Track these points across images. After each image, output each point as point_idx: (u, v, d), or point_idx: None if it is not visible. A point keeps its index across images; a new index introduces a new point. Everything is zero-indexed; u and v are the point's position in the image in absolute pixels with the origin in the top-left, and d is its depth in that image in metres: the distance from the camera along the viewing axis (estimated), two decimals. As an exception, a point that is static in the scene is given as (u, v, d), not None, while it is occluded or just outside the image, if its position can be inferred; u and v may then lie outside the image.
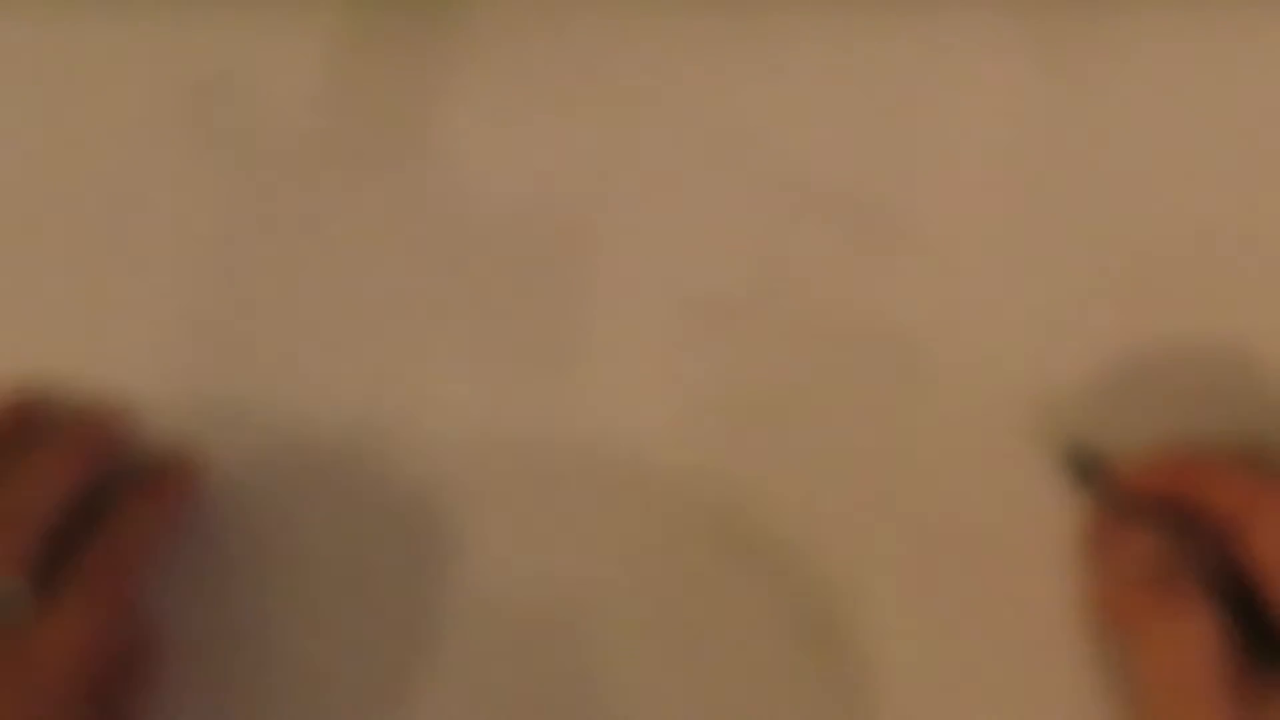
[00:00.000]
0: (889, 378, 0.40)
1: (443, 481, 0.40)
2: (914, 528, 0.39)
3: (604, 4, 0.42)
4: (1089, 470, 0.38)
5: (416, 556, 0.40)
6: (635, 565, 0.40)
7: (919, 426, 0.40)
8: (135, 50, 0.42)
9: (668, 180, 0.41)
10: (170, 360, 0.41)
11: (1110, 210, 0.41)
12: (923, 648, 0.39)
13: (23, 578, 0.34)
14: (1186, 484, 0.36)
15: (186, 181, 0.42)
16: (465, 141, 0.42)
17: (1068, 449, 0.39)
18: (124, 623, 0.37)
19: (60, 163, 0.42)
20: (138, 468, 0.39)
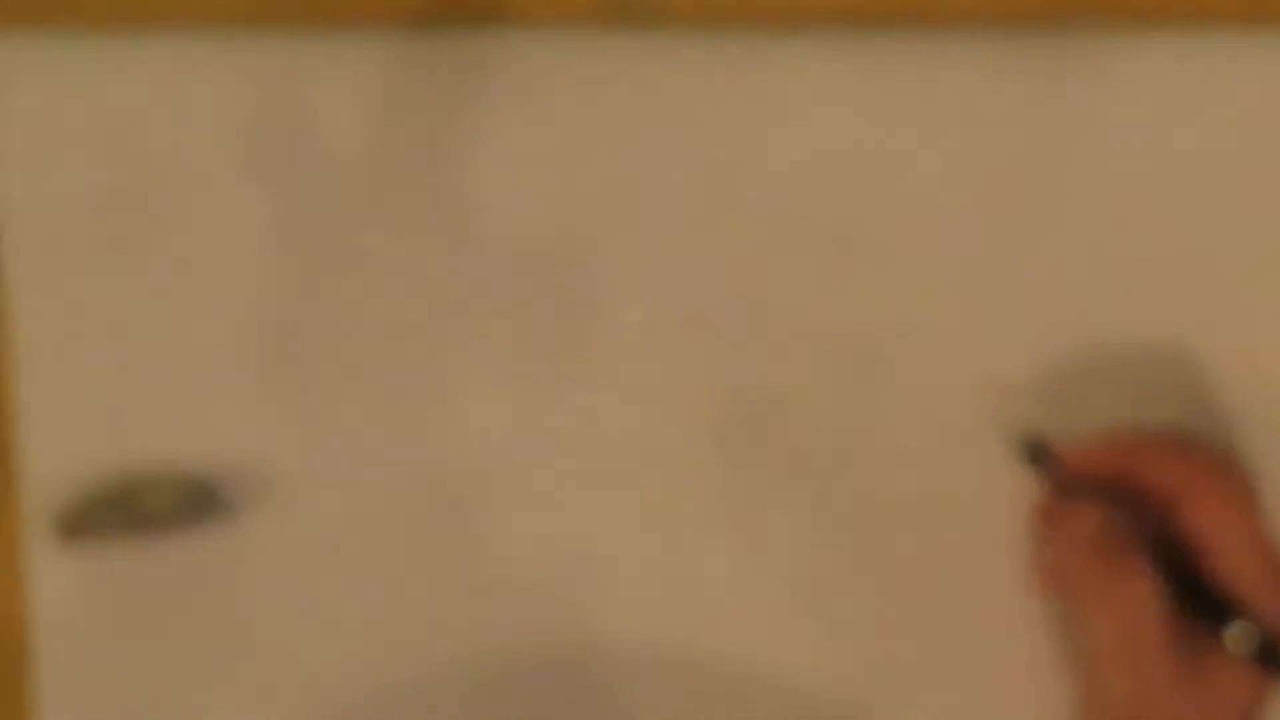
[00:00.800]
0: (864, 378, 0.42)
1: (459, 483, 0.42)
2: (889, 507, 0.42)
3: (611, 54, 0.42)
4: (1039, 454, 0.41)
5: (434, 555, 0.42)
6: (637, 562, 0.42)
7: (892, 421, 0.42)
8: (187, 86, 0.41)
9: (667, 207, 0.42)
10: (215, 374, 0.42)
11: (1062, 228, 0.42)
12: (898, 612, 0.42)
13: None
14: (1130, 465, 0.39)
15: (236, 211, 0.42)
16: (491, 178, 0.42)
17: (1021, 437, 0.41)
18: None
19: (110, 195, 0.41)
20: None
